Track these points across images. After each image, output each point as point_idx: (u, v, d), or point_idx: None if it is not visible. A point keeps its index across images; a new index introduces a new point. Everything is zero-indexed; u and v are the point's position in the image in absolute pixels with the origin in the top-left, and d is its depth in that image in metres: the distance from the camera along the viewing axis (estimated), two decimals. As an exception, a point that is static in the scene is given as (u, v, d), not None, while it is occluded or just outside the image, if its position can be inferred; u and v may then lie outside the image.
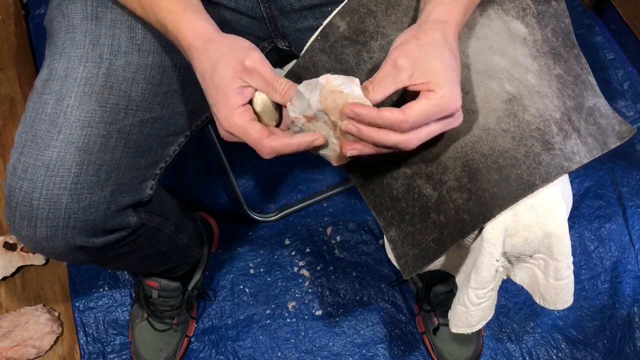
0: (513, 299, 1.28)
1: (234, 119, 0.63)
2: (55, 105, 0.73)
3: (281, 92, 0.64)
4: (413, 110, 0.59)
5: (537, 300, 0.75)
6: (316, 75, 0.77)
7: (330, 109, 0.62)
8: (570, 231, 0.69)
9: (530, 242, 0.68)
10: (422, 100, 0.60)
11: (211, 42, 0.65)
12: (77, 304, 1.30)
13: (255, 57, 0.64)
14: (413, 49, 0.61)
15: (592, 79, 0.76)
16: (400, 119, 0.59)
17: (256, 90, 0.65)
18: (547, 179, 0.66)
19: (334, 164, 0.68)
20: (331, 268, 1.33)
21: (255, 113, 0.65)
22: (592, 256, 1.32)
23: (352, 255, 1.34)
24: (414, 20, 0.73)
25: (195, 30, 0.66)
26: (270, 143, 0.62)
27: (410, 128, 0.60)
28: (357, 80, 0.62)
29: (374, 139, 0.61)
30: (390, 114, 0.59)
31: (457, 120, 0.63)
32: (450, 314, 0.80)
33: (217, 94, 0.64)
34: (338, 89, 0.61)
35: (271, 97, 0.65)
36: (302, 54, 0.78)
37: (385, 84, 0.61)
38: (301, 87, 0.63)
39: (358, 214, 1.38)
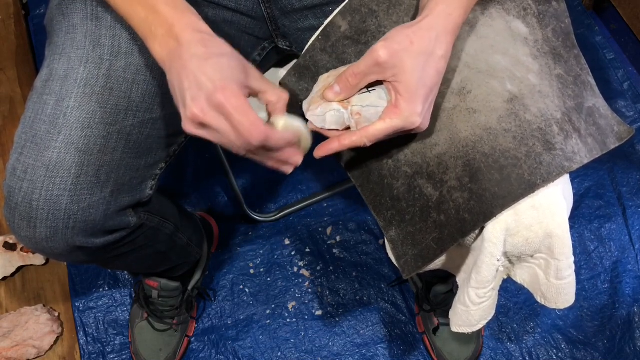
0: (513, 299, 1.28)
1: (236, 93, 0.60)
2: (55, 106, 0.73)
3: (278, 95, 0.66)
4: (369, 132, 0.66)
5: (538, 299, 0.75)
6: (317, 74, 0.77)
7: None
8: (570, 231, 0.69)
9: (532, 242, 0.68)
10: (379, 122, 0.65)
11: (215, 37, 0.65)
12: (77, 304, 1.30)
13: (255, 68, 0.66)
14: (404, 56, 0.63)
15: (592, 80, 0.76)
16: (359, 144, 0.67)
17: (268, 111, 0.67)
18: (548, 179, 0.66)
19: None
20: (331, 268, 1.33)
21: None
22: (592, 256, 1.32)
23: (352, 255, 1.34)
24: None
25: (196, 26, 0.64)
26: (266, 129, 0.61)
27: (364, 143, 0.67)
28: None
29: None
30: (350, 142, 0.67)
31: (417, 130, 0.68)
32: (451, 313, 0.80)
33: (218, 68, 0.61)
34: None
35: (275, 96, 0.66)
36: (303, 53, 0.78)
37: (363, 78, 0.66)
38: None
39: (358, 214, 1.38)
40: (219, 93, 0.60)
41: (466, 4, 0.66)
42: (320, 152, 0.69)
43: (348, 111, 0.67)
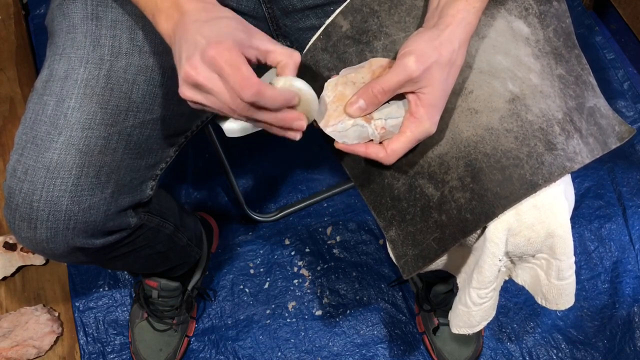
0: (513, 299, 1.28)
1: (229, 47, 0.57)
2: (56, 106, 0.73)
3: (287, 54, 0.62)
4: (395, 152, 0.66)
5: (539, 300, 0.75)
6: (318, 74, 0.77)
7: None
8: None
9: (533, 241, 0.68)
10: (402, 137, 0.66)
11: (218, 5, 0.64)
12: (77, 304, 1.30)
13: (262, 32, 0.63)
14: (434, 69, 0.63)
15: (593, 80, 0.76)
16: (383, 162, 0.68)
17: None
18: (549, 179, 0.66)
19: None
20: (331, 268, 1.33)
21: None
22: (592, 256, 1.32)
23: (352, 255, 1.34)
24: (417, 19, 0.73)
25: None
26: (259, 84, 0.57)
27: (390, 162, 0.68)
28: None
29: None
30: (375, 157, 0.67)
31: None
32: (451, 314, 0.80)
33: (214, 27, 0.59)
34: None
35: (284, 57, 0.62)
36: (304, 52, 0.78)
37: (393, 93, 0.65)
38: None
39: (358, 214, 1.38)
40: (212, 47, 0.57)
41: (481, 11, 0.67)
42: (342, 147, 0.68)
43: (372, 125, 0.66)
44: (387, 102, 0.66)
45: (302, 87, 0.62)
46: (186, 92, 0.60)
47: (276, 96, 0.59)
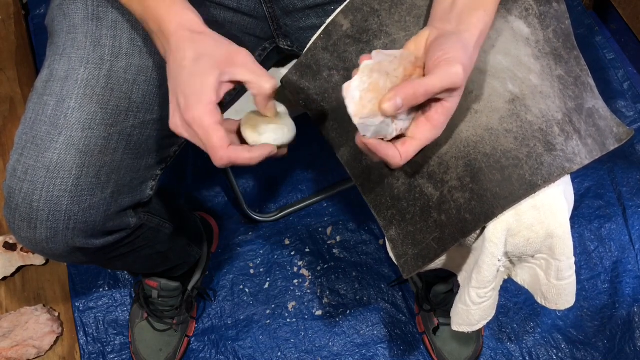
0: (513, 299, 1.29)
1: (202, 114, 0.62)
2: (56, 107, 0.73)
3: (268, 81, 0.64)
4: (408, 156, 0.63)
5: (538, 300, 0.75)
6: (318, 73, 0.77)
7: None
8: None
9: (532, 242, 0.68)
10: (415, 143, 0.63)
11: (200, 34, 0.65)
12: (77, 304, 1.30)
13: (244, 53, 0.65)
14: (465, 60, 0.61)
15: (592, 81, 0.77)
16: (395, 159, 0.63)
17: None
18: (549, 180, 0.66)
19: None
20: (331, 268, 1.33)
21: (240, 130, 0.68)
22: (592, 256, 1.32)
23: (352, 255, 1.34)
24: (417, 19, 0.73)
25: (182, 21, 0.65)
26: (229, 154, 0.62)
27: (400, 165, 0.64)
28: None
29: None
30: (392, 158, 0.63)
31: None
32: (452, 312, 0.80)
33: (191, 83, 0.62)
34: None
35: (255, 89, 0.64)
36: (304, 52, 0.78)
37: (434, 95, 0.62)
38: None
39: (358, 214, 1.38)
40: (189, 112, 0.62)
41: (493, 10, 0.66)
42: (369, 142, 0.64)
43: (394, 125, 0.63)
44: None
45: (284, 133, 0.69)
46: (175, 130, 0.65)
47: (249, 160, 0.65)
